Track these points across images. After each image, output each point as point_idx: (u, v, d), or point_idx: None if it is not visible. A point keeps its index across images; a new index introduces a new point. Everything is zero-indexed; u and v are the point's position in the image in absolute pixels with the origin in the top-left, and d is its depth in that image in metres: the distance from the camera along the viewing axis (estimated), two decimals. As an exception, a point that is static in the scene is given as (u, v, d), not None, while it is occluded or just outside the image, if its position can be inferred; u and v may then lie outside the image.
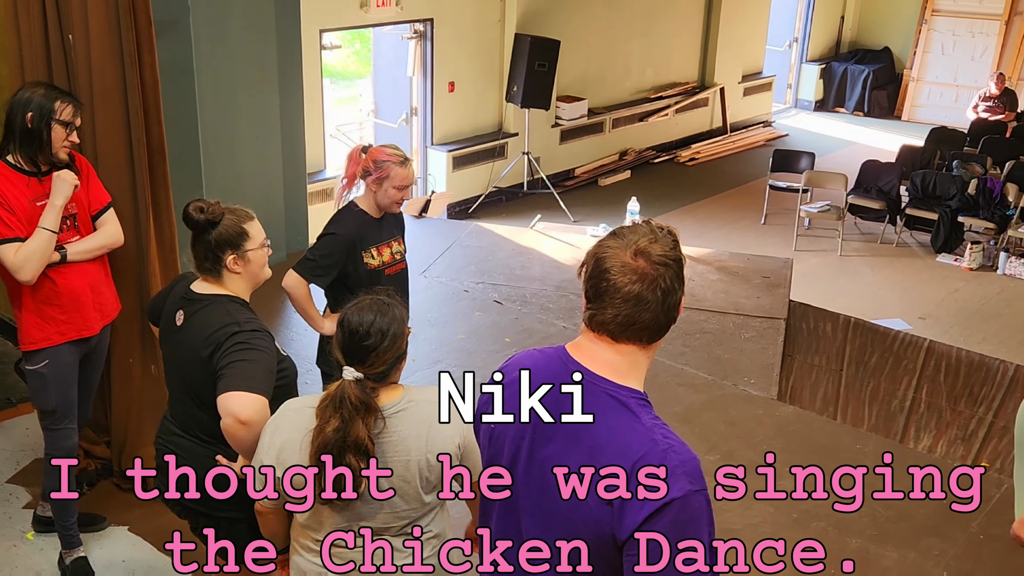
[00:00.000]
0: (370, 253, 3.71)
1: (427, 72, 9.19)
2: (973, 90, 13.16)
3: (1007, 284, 8.63)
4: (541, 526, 1.82)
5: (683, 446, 1.74)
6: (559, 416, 1.80)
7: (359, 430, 2.23)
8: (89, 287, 3.46)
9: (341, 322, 2.30)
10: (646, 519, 1.67)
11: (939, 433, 5.42)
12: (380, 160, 3.61)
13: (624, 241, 1.79)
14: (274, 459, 2.37)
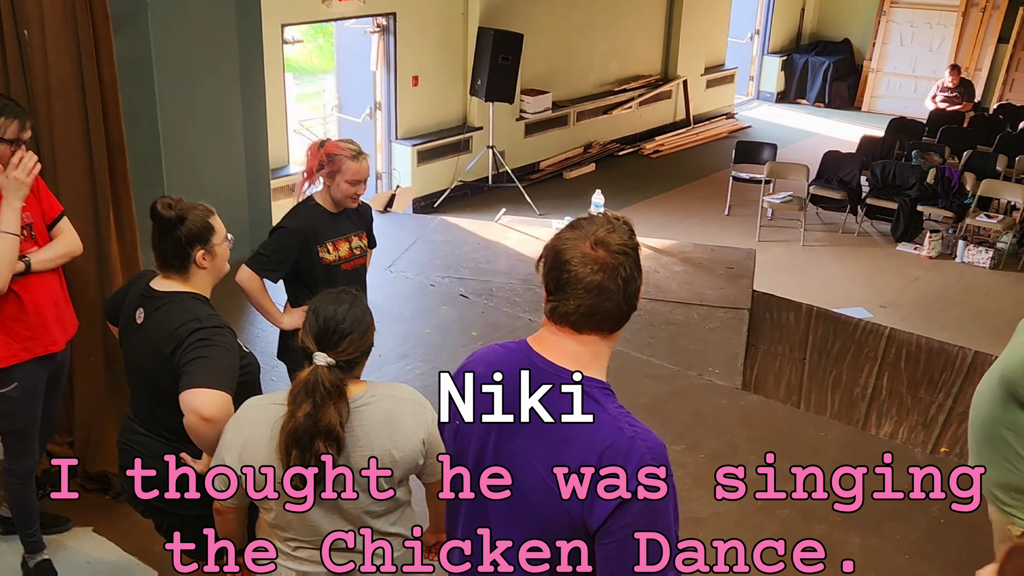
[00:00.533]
0: (325, 248, 3.69)
1: (390, 66, 9.15)
2: (931, 81, 13.34)
3: (965, 272, 8.77)
4: (512, 522, 1.83)
5: (649, 433, 1.76)
6: (523, 411, 1.81)
7: (331, 415, 2.22)
8: (53, 302, 3.40)
9: (314, 310, 2.31)
10: (617, 507, 1.69)
11: (900, 419, 5.51)
12: (333, 154, 3.61)
13: (582, 232, 1.80)
14: (235, 457, 2.35)
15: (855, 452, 4.78)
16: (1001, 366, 2.84)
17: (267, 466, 2.31)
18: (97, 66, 3.67)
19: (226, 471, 2.37)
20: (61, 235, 3.43)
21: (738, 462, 4.63)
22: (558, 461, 1.75)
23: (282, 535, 2.42)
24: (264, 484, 2.33)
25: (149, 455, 2.78)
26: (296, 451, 2.23)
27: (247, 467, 2.33)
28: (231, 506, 2.47)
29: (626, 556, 1.70)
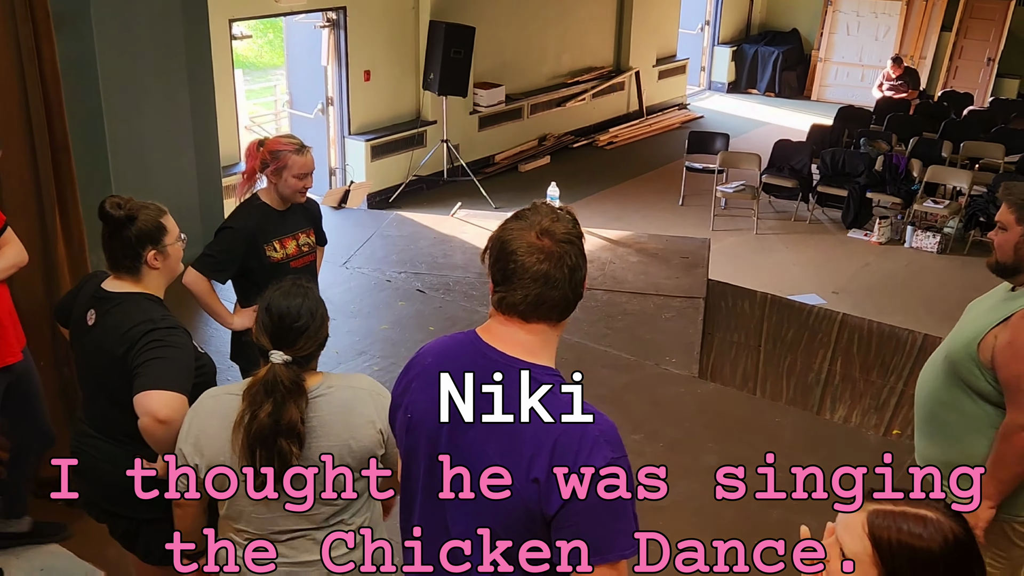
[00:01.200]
0: (272, 246, 3.65)
1: (342, 61, 9.07)
2: (878, 69, 13.55)
3: (914, 257, 8.93)
4: (471, 514, 1.82)
5: (601, 416, 1.78)
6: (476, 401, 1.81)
7: (292, 412, 2.21)
8: (6, 312, 3.33)
9: (267, 307, 2.28)
10: (574, 490, 1.70)
11: (853, 403, 5.60)
12: (276, 151, 3.58)
13: (527, 222, 1.82)
14: (191, 447, 2.33)
15: (810, 437, 4.85)
16: (946, 347, 2.90)
17: (222, 460, 2.29)
18: (39, 65, 3.60)
19: (184, 464, 2.35)
20: (7, 246, 3.35)
21: (696, 450, 4.67)
22: (514, 449, 1.75)
23: (234, 526, 2.40)
24: (220, 479, 2.31)
25: (103, 459, 2.74)
26: (261, 451, 2.22)
27: (204, 460, 2.31)
28: (188, 499, 2.44)
29: (586, 529, 1.71)
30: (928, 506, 1.58)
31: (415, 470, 1.91)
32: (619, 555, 1.74)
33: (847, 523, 1.62)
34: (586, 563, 1.72)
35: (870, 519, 1.58)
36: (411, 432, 1.91)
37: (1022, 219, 2.70)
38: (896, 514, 1.56)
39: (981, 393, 2.76)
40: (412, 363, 1.97)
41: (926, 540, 1.53)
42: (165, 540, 2.77)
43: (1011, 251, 2.73)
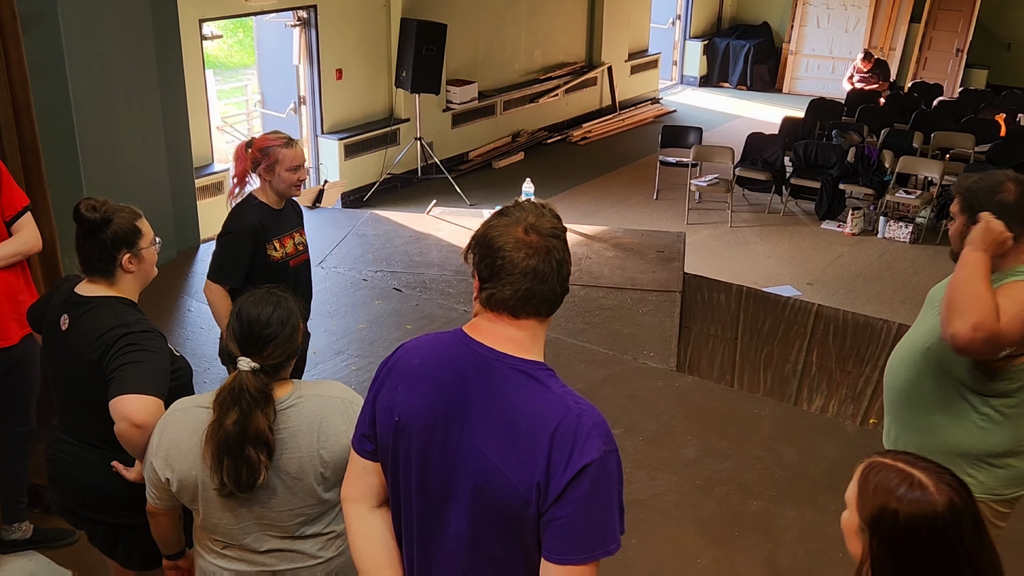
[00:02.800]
0: (273, 245, 3.65)
1: (313, 60, 9.03)
2: (848, 61, 13.66)
3: (887, 247, 9.00)
4: (468, 514, 1.81)
5: (593, 409, 1.79)
6: (471, 399, 1.80)
7: (259, 421, 2.19)
8: (5, 296, 3.30)
9: (237, 313, 2.25)
10: (569, 482, 1.71)
11: (831, 393, 5.64)
12: (266, 147, 3.58)
13: (512, 218, 1.82)
14: (162, 461, 2.31)
15: (788, 428, 4.88)
16: (923, 339, 2.91)
17: (193, 473, 2.27)
18: (7, 67, 3.56)
19: (151, 474, 2.33)
20: (19, 232, 3.33)
21: (675, 443, 4.69)
22: (509, 445, 1.75)
23: (210, 536, 2.38)
24: (190, 490, 2.30)
25: (79, 465, 2.71)
26: (228, 459, 2.19)
27: (175, 474, 2.29)
28: (162, 509, 2.43)
29: (579, 522, 1.72)
30: (926, 469, 1.58)
31: (406, 474, 1.89)
32: (605, 551, 1.74)
33: (856, 472, 1.67)
34: (575, 557, 1.73)
35: (864, 468, 1.62)
36: (400, 435, 1.88)
37: (965, 208, 2.75)
38: (888, 467, 1.59)
39: (961, 380, 2.78)
40: (395, 364, 1.93)
41: (903, 499, 1.55)
42: (144, 545, 2.76)
43: (959, 240, 2.77)
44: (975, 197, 2.73)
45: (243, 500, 2.27)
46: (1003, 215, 2.68)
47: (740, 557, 3.90)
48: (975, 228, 2.71)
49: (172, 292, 6.30)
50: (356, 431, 2.00)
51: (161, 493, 2.37)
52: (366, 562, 1.99)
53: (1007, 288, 2.67)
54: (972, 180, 2.78)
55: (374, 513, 2.01)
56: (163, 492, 2.36)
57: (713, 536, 4.03)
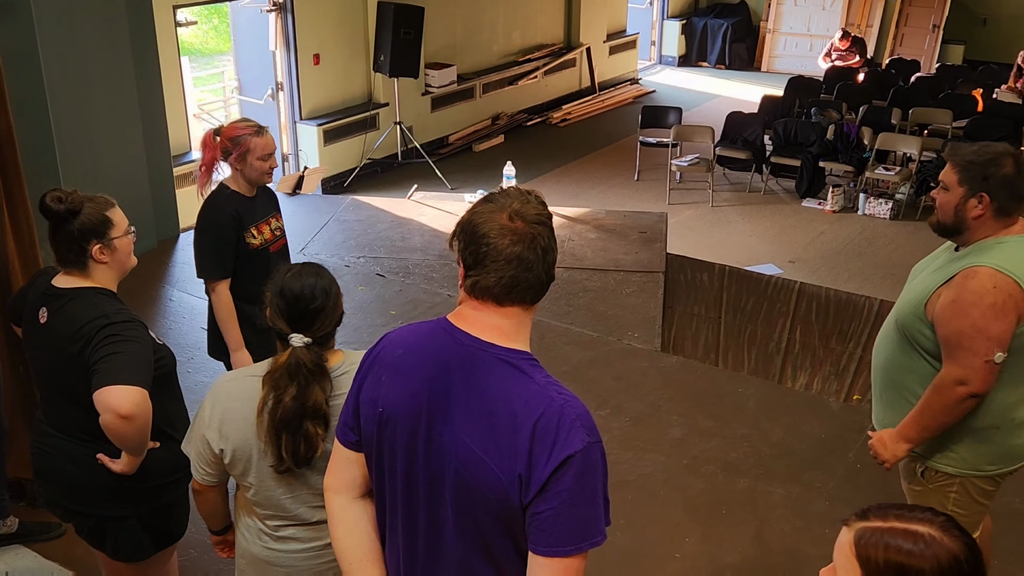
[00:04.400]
0: (251, 233, 3.62)
1: (290, 45, 8.95)
2: (826, 38, 13.68)
3: (868, 223, 9.04)
4: (453, 506, 1.80)
5: (576, 400, 1.77)
6: (455, 389, 1.79)
7: (316, 395, 2.20)
8: None
9: (280, 291, 2.25)
10: (552, 473, 1.69)
11: (814, 371, 5.67)
12: (236, 136, 3.53)
13: (497, 205, 1.80)
14: (216, 433, 2.29)
15: (773, 405, 4.90)
16: (896, 312, 2.95)
17: (248, 441, 2.27)
18: (-21, 57, 3.50)
19: (206, 453, 2.31)
20: None
21: (661, 423, 4.71)
22: (492, 436, 1.74)
23: (261, 512, 2.37)
24: (243, 461, 2.29)
25: (65, 458, 2.69)
26: (286, 435, 2.20)
27: (230, 444, 2.28)
28: (211, 484, 2.40)
29: (565, 515, 1.71)
30: (922, 520, 1.47)
31: (391, 465, 1.88)
32: (591, 542, 1.74)
33: (840, 544, 1.52)
34: (562, 549, 1.72)
35: (857, 538, 1.48)
36: (385, 426, 1.86)
37: (965, 180, 2.73)
38: (884, 531, 1.47)
39: (934, 355, 2.80)
40: (378, 355, 1.92)
41: (916, 557, 1.43)
42: (132, 537, 2.75)
43: (952, 211, 2.76)
44: (979, 170, 2.71)
45: (299, 472, 2.27)
46: (1003, 189, 2.69)
47: (728, 535, 3.92)
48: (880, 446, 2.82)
49: (153, 281, 6.26)
50: (340, 421, 1.99)
51: (212, 468, 2.34)
52: (348, 553, 1.99)
53: (969, 282, 2.67)
54: (971, 152, 2.76)
55: (357, 504, 2.00)
56: (215, 467, 2.34)
57: (701, 515, 4.05)
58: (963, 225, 2.76)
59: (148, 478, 2.66)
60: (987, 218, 2.72)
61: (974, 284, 2.66)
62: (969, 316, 2.65)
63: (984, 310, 2.63)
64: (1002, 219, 2.73)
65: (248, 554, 2.44)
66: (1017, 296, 2.63)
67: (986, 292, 2.63)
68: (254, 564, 2.43)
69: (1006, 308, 2.63)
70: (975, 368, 2.66)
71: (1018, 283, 2.63)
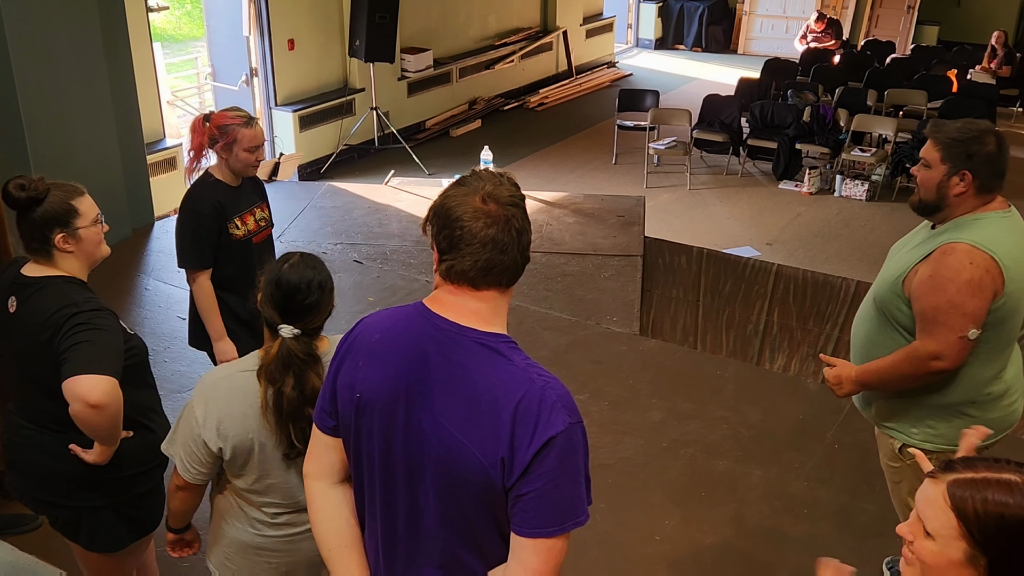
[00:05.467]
0: (234, 223, 3.58)
1: (264, 30, 8.85)
2: (801, 20, 13.70)
3: (844, 205, 9.09)
4: (433, 491, 1.80)
5: (557, 381, 1.77)
6: (433, 374, 1.78)
7: (314, 381, 2.23)
8: None
9: (276, 281, 2.25)
10: (535, 455, 1.69)
11: (792, 352, 5.69)
12: (224, 125, 3.49)
13: (470, 188, 1.78)
14: (213, 432, 2.27)
15: (752, 387, 4.93)
16: (874, 290, 2.97)
17: (249, 435, 2.27)
18: (-56, 43, 3.44)
19: (198, 449, 2.29)
20: None
21: (641, 406, 4.72)
22: (473, 420, 1.73)
23: (258, 500, 2.37)
24: (244, 455, 2.29)
25: (37, 449, 2.66)
26: (292, 424, 2.23)
27: (229, 443, 2.27)
28: (201, 483, 2.39)
29: (548, 496, 1.71)
30: (1010, 470, 1.49)
31: (368, 450, 1.87)
32: (575, 522, 1.74)
33: (927, 497, 1.52)
34: (545, 530, 1.72)
35: (950, 491, 1.49)
36: (362, 412, 1.85)
37: (947, 158, 2.73)
38: (979, 482, 1.48)
39: (910, 330, 2.82)
40: (355, 340, 1.90)
41: (1014, 507, 1.45)
42: (107, 528, 2.73)
43: (934, 188, 2.77)
44: (962, 147, 2.71)
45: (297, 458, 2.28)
46: (986, 167, 2.71)
47: (707, 517, 3.95)
48: None
49: (128, 271, 6.20)
50: (317, 407, 1.98)
51: (206, 468, 2.33)
52: (328, 539, 1.99)
53: (947, 258, 2.69)
54: (955, 129, 2.76)
55: (336, 490, 2.00)
56: (209, 466, 2.33)
57: (680, 497, 4.07)
58: (944, 202, 2.77)
59: (122, 467, 2.63)
60: (968, 196, 2.73)
61: (951, 260, 2.68)
62: (946, 292, 2.67)
63: (960, 286, 2.65)
64: (982, 196, 2.74)
65: (236, 543, 2.43)
66: (994, 272, 2.65)
67: (963, 268, 2.65)
68: (243, 552, 2.44)
69: (983, 284, 2.64)
70: (949, 344, 2.69)
71: (995, 259, 2.65)
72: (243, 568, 2.46)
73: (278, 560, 2.43)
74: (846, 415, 4.60)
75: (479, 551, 1.84)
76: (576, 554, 2.21)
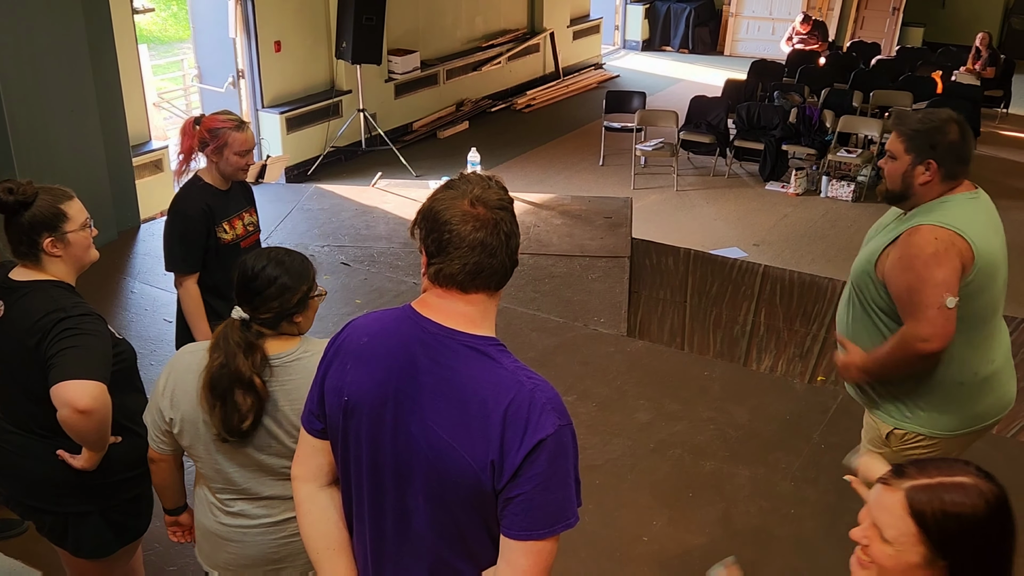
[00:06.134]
0: (223, 227, 3.56)
1: (251, 32, 8.83)
2: (787, 22, 13.75)
3: (830, 206, 9.12)
4: (422, 495, 1.79)
5: (546, 384, 1.77)
6: (421, 377, 1.78)
7: (240, 364, 2.23)
8: None
9: (239, 263, 2.34)
10: (525, 458, 1.69)
11: (779, 353, 5.71)
12: (215, 128, 3.47)
13: (458, 191, 1.78)
14: (168, 401, 2.34)
15: (739, 388, 4.94)
16: (851, 274, 3.05)
17: (194, 413, 2.31)
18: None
19: (157, 417, 2.37)
20: None
21: (628, 407, 4.73)
22: (462, 423, 1.73)
23: (213, 486, 2.41)
24: (190, 431, 2.33)
25: (23, 455, 2.65)
26: (219, 405, 2.24)
27: (179, 414, 2.33)
28: (166, 454, 2.45)
29: (538, 498, 1.71)
30: (961, 470, 1.53)
31: (356, 454, 1.86)
32: (565, 524, 1.74)
33: (884, 505, 1.55)
34: (536, 533, 1.72)
35: (909, 496, 1.51)
36: (350, 415, 1.85)
37: (911, 149, 2.82)
38: (934, 487, 1.51)
39: (886, 312, 2.88)
40: (343, 343, 1.90)
41: (970, 506, 1.49)
42: (94, 533, 2.72)
43: (899, 179, 2.85)
44: (925, 138, 2.79)
45: (243, 444, 2.30)
46: (949, 155, 2.78)
47: (695, 517, 3.96)
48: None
49: (114, 274, 6.17)
50: (305, 409, 1.97)
51: (165, 436, 2.40)
52: (316, 542, 1.99)
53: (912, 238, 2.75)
54: (915, 120, 2.85)
55: (324, 493, 2.00)
56: (167, 435, 2.39)
57: (668, 498, 4.07)
58: (910, 191, 2.85)
59: (110, 473, 2.62)
60: (934, 184, 2.81)
61: (916, 239, 2.75)
62: (913, 269, 2.73)
63: (926, 259, 2.71)
64: (948, 183, 2.82)
65: (202, 527, 2.50)
66: (960, 245, 2.72)
67: (927, 244, 2.73)
68: (208, 538, 2.49)
69: (948, 254, 2.70)
70: (930, 319, 2.71)
71: (959, 234, 2.72)
72: (211, 555, 2.51)
73: (236, 551, 2.45)
74: (833, 415, 4.62)
75: (469, 554, 1.83)
76: (565, 555, 2.21)
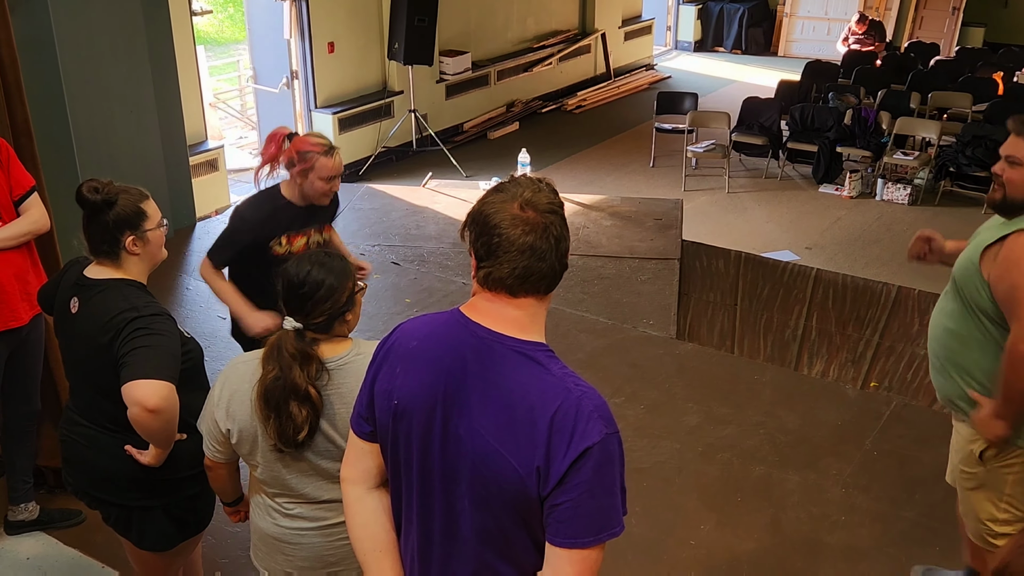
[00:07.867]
0: (279, 241, 3.55)
1: (305, 33, 8.94)
2: (843, 22, 13.55)
3: (885, 209, 8.98)
4: (470, 499, 1.80)
5: (593, 391, 1.76)
6: (470, 381, 1.78)
7: (296, 377, 2.24)
8: (14, 276, 3.32)
9: (281, 273, 2.33)
10: (571, 465, 1.68)
11: (831, 357, 5.64)
12: (304, 151, 3.46)
13: (508, 195, 1.78)
14: (224, 411, 2.36)
15: (789, 393, 4.89)
16: (954, 268, 2.90)
17: (252, 422, 2.33)
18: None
19: (213, 428, 2.40)
20: (27, 212, 3.36)
21: (677, 410, 4.70)
22: (509, 429, 1.73)
23: (270, 491, 2.44)
24: (249, 440, 2.36)
25: (91, 447, 2.72)
26: (273, 416, 2.26)
27: (236, 424, 2.35)
28: (221, 461, 2.48)
29: (584, 506, 1.70)
30: None
31: (406, 457, 1.87)
32: (610, 533, 1.73)
33: None
34: (581, 541, 1.71)
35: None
36: (400, 419, 1.86)
37: None
38: None
39: (988, 314, 2.76)
40: (392, 346, 1.91)
41: None
42: (157, 527, 2.79)
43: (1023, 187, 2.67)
44: None
45: (300, 452, 2.31)
46: None
47: (743, 522, 3.92)
48: None
49: (170, 271, 6.29)
50: (354, 412, 1.99)
51: (221, 446, 2.42)
52: (364, 544, 2.00)
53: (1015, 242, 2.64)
54: None
55: (372, 495, 2.01)
56: (223, 445, 2.42)
57: (716, 502, 4.05)
58: None
59: (174, 470, 2.68)
60: None
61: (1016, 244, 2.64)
62: (1011, 275, 2.63)
63: None
64: None
65: (259, 530, 2.52)
66: None
67: None
68: (264, 540, 2.52)
69: None
70: None
71: None
72: (266, 557, 2.54)
73: (292, 553, 2.47)
74: (885, 422, 4.55)
75: (513, 559, 1.83)
76: (611, 559, 2.21)
